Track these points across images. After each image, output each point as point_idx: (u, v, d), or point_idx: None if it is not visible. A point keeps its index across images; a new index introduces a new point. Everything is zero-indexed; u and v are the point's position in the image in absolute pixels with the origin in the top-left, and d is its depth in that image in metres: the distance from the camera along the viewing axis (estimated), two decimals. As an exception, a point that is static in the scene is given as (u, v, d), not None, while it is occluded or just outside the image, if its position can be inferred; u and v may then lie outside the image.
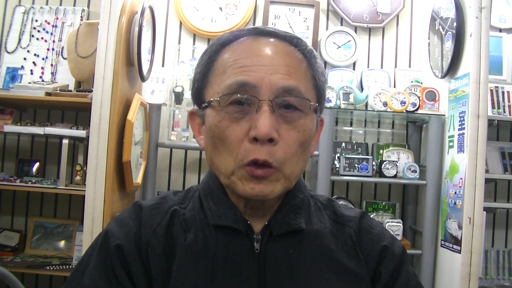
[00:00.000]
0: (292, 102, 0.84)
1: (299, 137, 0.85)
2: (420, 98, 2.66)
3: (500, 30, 3.01)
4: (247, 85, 0.83)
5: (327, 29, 3.04)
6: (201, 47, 2.97)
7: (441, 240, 2.53)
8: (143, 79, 2.54)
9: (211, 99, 0.87)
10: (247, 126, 0.83)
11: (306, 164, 0.91)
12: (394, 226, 2.61)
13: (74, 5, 3.00)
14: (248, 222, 0.90)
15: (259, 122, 0.81)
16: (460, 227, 2.33)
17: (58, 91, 2.60)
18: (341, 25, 3.04)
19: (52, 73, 2.86)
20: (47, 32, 2.91)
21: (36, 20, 2.93)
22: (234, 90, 0.84)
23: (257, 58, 0.86)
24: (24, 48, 2.89)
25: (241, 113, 0.84)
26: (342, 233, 0.95)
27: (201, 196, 0.95)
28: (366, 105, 2.78)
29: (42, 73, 2.85)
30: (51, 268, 2.55)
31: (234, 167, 0.84)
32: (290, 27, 2.96)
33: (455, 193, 2.40)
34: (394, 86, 2.95)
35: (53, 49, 2.89)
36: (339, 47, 2.98)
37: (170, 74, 2.77)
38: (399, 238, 2.62)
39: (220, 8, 2.97)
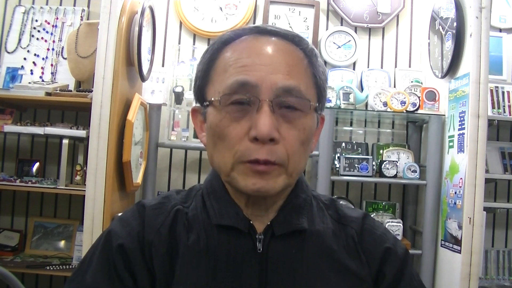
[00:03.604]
0: (292, 102, 0.84)
1: (300, 136, 0.85)
2: (420, 98, 2.66)
3: (500, 30, 3.01)
4: (247, 84, 0.83)
5: (327, 29, 3.04)
6: (201, 47, 2.97)
7: (441, 240, 2.53)
8: (143, 79, 2.54)
9: (212, 98, 0.87)
10: (247, 126, 0.83)
11: (307, 160, 0.92)
12: (394, 226, 2.61)
13: (74, 5, 3.00)
14: (251, 222, 0.90)
15: (259, 122, 0.81)
16: (460, 227, 2.33)
17: (58, 91, 2.60)
18: (341, 25, 3.04)
19: (52, 73, 2.86)
20: (47, 32, 2.91)
21: (36, 20, 2.93)
22: (234, 89, 0.83)
23: (258, 57, 0.85)
24: (24, 48, 2.89)
25: (242, 113, 0.84)
26: (344, 234, 0.95)
27: (204, 195, 0.96)
28: (366, 105, 2.78)
29: (42, 73, 2.85)
30: (51, 268, 2.55)
31: (233, 163, 0.84)
32: (290, 27, 2.96)
33: (455, 193, 2.40)
34: (394, 86, 2.95)
35: (53, 49, 2.89)
36: (339, 47, 2.98)
37: (170, 74, 2.77)
38: (399, 238, 2.61)
39: (220, 8, 2.98)
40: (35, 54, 2.88)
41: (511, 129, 3.07)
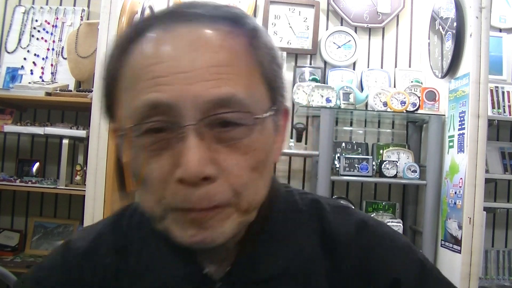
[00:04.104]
0: (229, 118, 0.60)
1: (249, 161, 0.61)
2: (420, 98, 2.66)
3: (500, 30, 3.00)
4: (161, 106, 0.59)
5: (327, 29, 3.04)
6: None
7: (441, 240, 2.53)
8: (143, 79, 2.54)
9: (121, 131, 0.64)
10: (170, 162, 0.59)
11: (268, 183, 0.67)
12: (394, 226, 2.61)
13: (74, 5, 3.00)
14: (204, 272, 0.69)
15: (184, 158, 0.57)
16: (460, 227, 2.33)
17: (58, 91, 2.60)
18: (341, 25, 3.04)
19: (52, 73, 2.86)
20: (47, 32, 2.91)
21: (36, 20, 2.92)
22: (145, 115, 0.59)
23: (172, 62, 0.59)
24: (24, 48, 2.89)
25: (161, 144, 0.60)
26: (329, 261, 0.71)
27: (141, 236, 0.73)
28: (366, 105, 2.78)
29: (42, 73, 2.85)
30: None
31: (163, 210, 0.61)
32: (290, 27, 2.96)
33: (455, 193, 2.40)
34: (394, 86, 2.95)
35: (53, 49, 2.89)
36: (339, 47, 2.98)
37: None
38: (399, 238, 2.61)
39: (220, 8, 2.97)
40: (35, 54, 2.87)
41: (511, 129, 3.07)
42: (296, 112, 2.91)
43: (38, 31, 2.91)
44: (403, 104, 2.62)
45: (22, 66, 2.86)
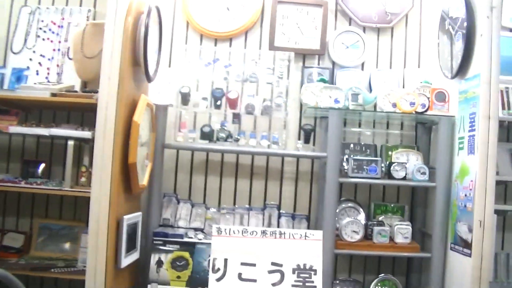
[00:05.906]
0: None
1: None
2: (430, 99, 2.63)
3: (511, 30, 2.97)
4: None
5: (335, 29, 3.01)
6: (208, 47, 2.95)
7: (451, 243, 2.50)
8: (149, 79, 2.52)
9: None
10: None
11: None
12: (403, 228, 2.59)
13: (80, 5, 2.99)
14: None
15: None
16: (470, 230, 2.30)
17: (63, 92, 2.59)
18: (350, 25, 3.02)
19: (58, 73, 2.85)
20: (53, 32, 2.90)
21: (42, 21, 2.92)
22: None
23: None
24: (30, 48, 2.88)
25: None
26: None
27: None
28: (375, 106, 2.75)
29: (48, 73, 2.84)
30: (56, 271, 2.53)
31: None
32: (298, 27, 2.94)
33: (466, 195, 2.37)
34: (403, 87, 2.92)
35: (59, 49, 2.88)
36: (347, 47, 2.95)
37: (176, 75, 2.76)
38: (408, 240, 2.60)
39: (228, 8, 2.95)
40: (41, 55, 2.87)
41: (521, 131, 3.03)
42: (304, 113, 2.89)
43: (44, 31, 2.90)
44: (412, 105, 2.59)
45: (28, 67, 2.85)
